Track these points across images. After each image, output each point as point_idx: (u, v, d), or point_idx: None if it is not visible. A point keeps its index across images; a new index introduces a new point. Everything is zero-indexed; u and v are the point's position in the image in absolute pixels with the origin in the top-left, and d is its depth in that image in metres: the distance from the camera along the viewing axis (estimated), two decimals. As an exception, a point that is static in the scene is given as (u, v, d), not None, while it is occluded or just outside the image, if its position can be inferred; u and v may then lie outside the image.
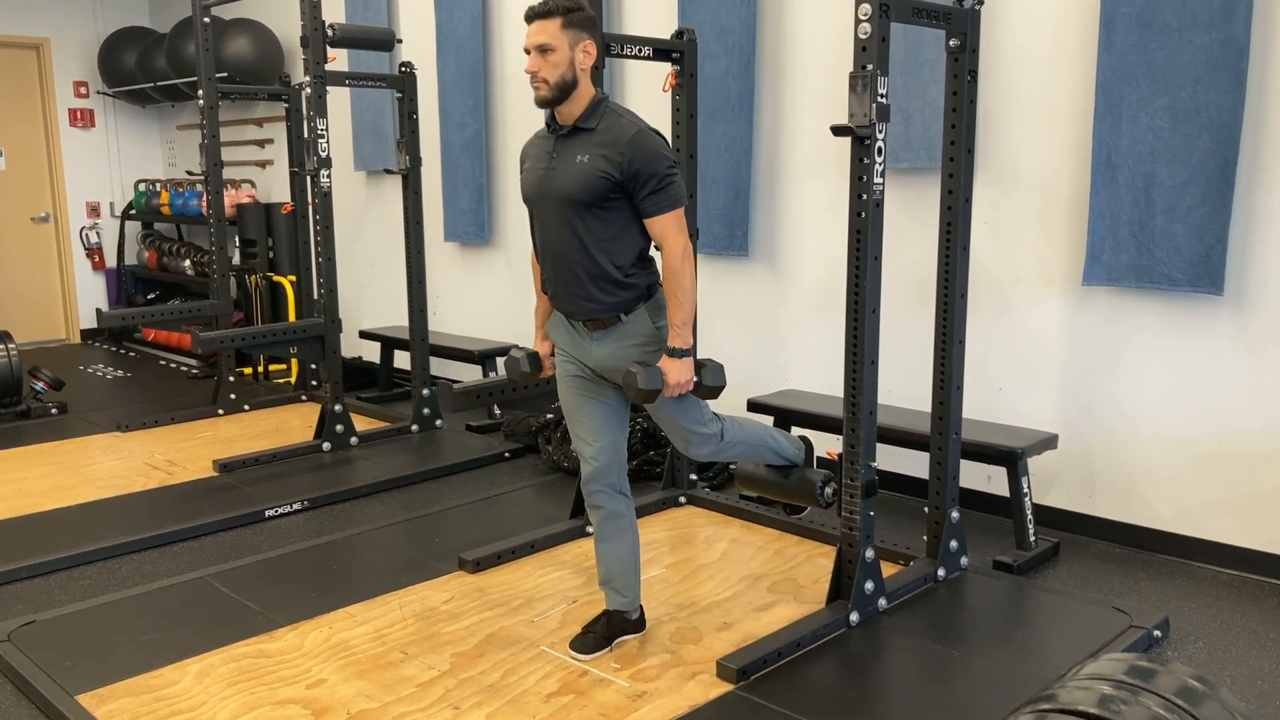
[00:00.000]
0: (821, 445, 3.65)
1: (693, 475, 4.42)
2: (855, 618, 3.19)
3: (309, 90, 4.97)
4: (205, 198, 6.20)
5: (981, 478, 4.21)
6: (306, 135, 5.05)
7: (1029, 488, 3.82)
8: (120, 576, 3.76)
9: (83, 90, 8.52)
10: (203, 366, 7.28)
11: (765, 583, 3.55)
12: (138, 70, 8.03)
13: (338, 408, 5.24)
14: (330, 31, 4.90)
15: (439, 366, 6.14)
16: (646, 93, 5.20)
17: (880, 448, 3.35)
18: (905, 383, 4.33)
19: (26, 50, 8.30)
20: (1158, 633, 3.18)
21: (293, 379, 6.87)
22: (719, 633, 3.19)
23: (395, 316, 6.76)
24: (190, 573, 3.72)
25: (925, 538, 3.64)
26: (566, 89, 2.76)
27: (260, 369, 7.07)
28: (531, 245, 2.99)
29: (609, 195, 2.74)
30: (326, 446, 5.19)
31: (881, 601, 3.29)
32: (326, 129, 5.00)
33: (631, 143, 2.72)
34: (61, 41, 8.37)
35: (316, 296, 5.69)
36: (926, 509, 3.63)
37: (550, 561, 3.75)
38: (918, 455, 4.08)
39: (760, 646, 3.00)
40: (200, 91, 5.90)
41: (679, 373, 2.80)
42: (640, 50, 3.85)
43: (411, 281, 5.55)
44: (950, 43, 3.34)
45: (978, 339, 4.14)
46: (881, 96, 2.97)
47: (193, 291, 8.05)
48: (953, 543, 3.56)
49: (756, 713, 2.74)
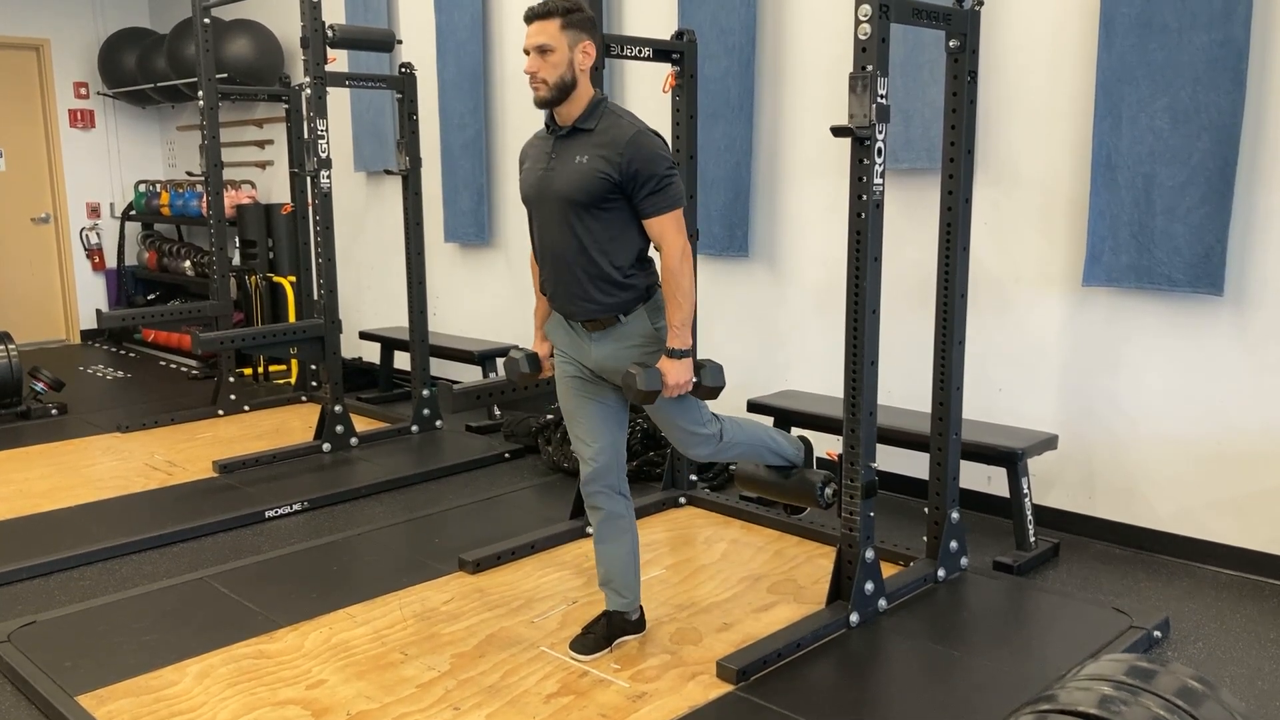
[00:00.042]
0: (821, 446, 3.65)
1: (693, 476, 4.42)
2: (855, 618, 3.19)
3: (309, 91, 4.97)
4: (205, 198, 6.20)
5: (981, 478, 4.21)
6: (306, 136, 5.06)
7: (1029, 488, 3.82)
8: (120, 577, 3.76)
9: (83, 91, 8.53)
10: (203, 367, 7.28)
11: (765, 583, 3.55)
12: (138, 71, 8.03)
13: (338, 408, 5.24)
14: (330, 32, 4.90)
15: (439, 367, 6.14)
16: (646, 93, 5.20)
17: (880, 448, 3.35)
18: (905, 383, 4.33)
19: (27, 51, 8.31)
20: (1158, 633, 3.18)
21: (293, 380, 6.87)
22: (719, 633, 3.19)
23: (395, 317, 6.76)
24: (190, 573, 3.72)
25: (925, 538, 3.64)
26: (566, 90, 2.76)
27: (260, 370, 7.07)
28: (531, 246, 2.99)
29: (608, 196, 2.74)
30: (326, 447, 5.20)
31: (881, 602, 3.29)
32: (326, 130, 5.00)
33: (630, 143, 2.72)
34: (62, 42, 8.37)
35: (316, 297, 5.69)
36: (926, 510, 3.63)
37: (550, 562, 3.75)
38: (918, 456, 4.08)
39: (760, 647, 3.00)
40: (200, 92, 5.90)
41: (678, 373, 2.80)
42: (640, 51, 3.85)
43: (411, 282, 5.55)
44: (950, 43, 3.34)
45: (978, 339, 4.14)
46: (881, 97, 2.97)
47: (193, 292, 8.05)
48: (953, 543, 3.56)
49: (756, 713, 2.74)
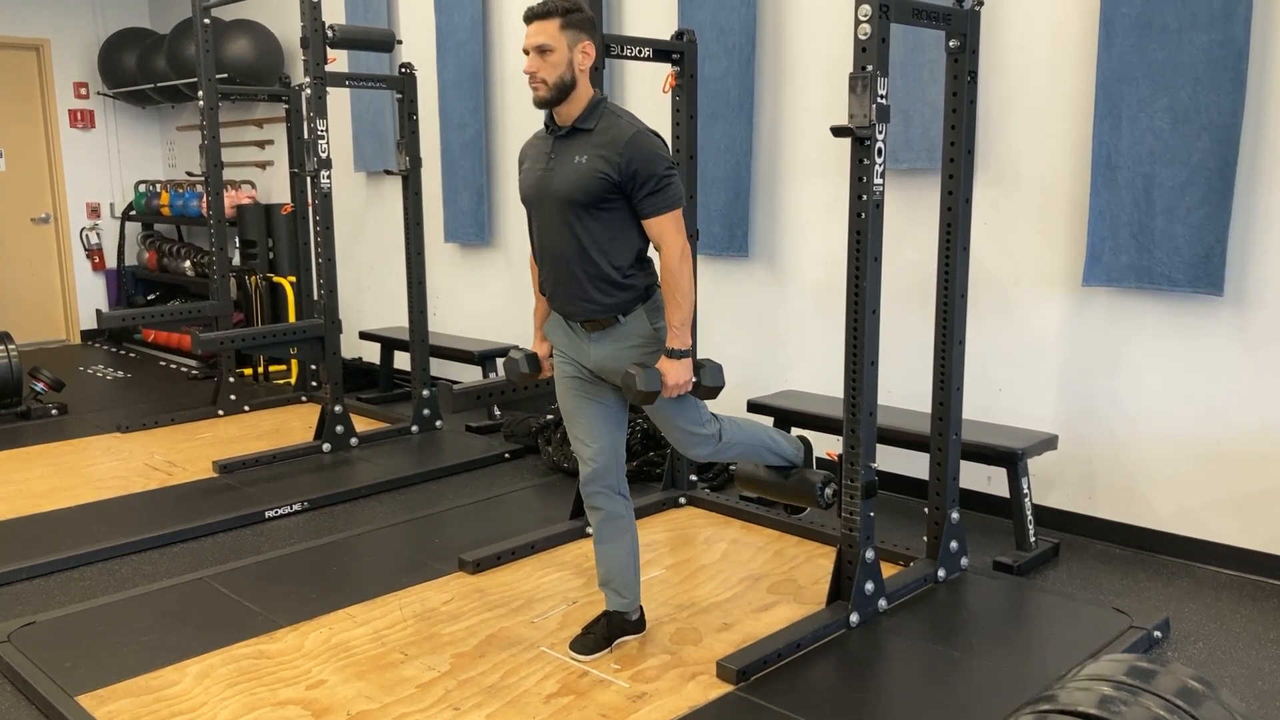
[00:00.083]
0: (821, 446, 3.65)
1: (693, 476, 4.42)
2: (855, 618, 3.19)
3: (309, 91, 4.97)
4: (205, 199, 6.20)
5: (981, 478, 4.21)
6: (306, 136, 5.06)
7: (1029, 488, 3.82)
8: (120, 577, 3.76)
9: (83, 91, 8.53)
10: (203, 367, 7.28)
11: (765, 583, 3.55)
12: (138, 71, 8.03)
13: (338, 408, 5.24)
14: (330, 33, 4.90)
15: (439, 367, 6.14)
16: (646, 94, 5.20)
17: (880, 448, 3.35)
18: (905, 383, 4.33)
19: (27, 51, 8.31)
20: (1158, 633, 3.18)
21: (293, 380, 6.87)
22: (719, 633, 3.19)
23: (395, 317, 6.76)
24: (190, 574, 3.72)
25: (925, 538, 3.64)
26: (565, 90, 2.76)
27: (260, 370, 7.07)
28: (530, 246, 2.99)
29: (607, 196, 2.74)
30: (326, 447, 5.20)
31: (881, 602, 3.29)
32: (326, 130, 5.00)
33: (630, 143, 2.72)
34: (62, 42, 8.38)
35: (316, 297, 5.69)
36: (926, 510, 3.63)
37: (550, 562, 3.75)
38: (918, 456, 4.07)
39: (760, 647, 3.00)
40: (200, 92, 5.90)
41: (678, 374, 2.80)
42: (640, 51, 3.85)
43: (411, 282, 5.55)
44: (950, 43, 3.34)
45: (978, 339, 4.14)
46: (881, 97, 2.97)
47: (193, 292, 8.05)
48: (953, 543, 3.56)
49: (756, 713, 2.74)
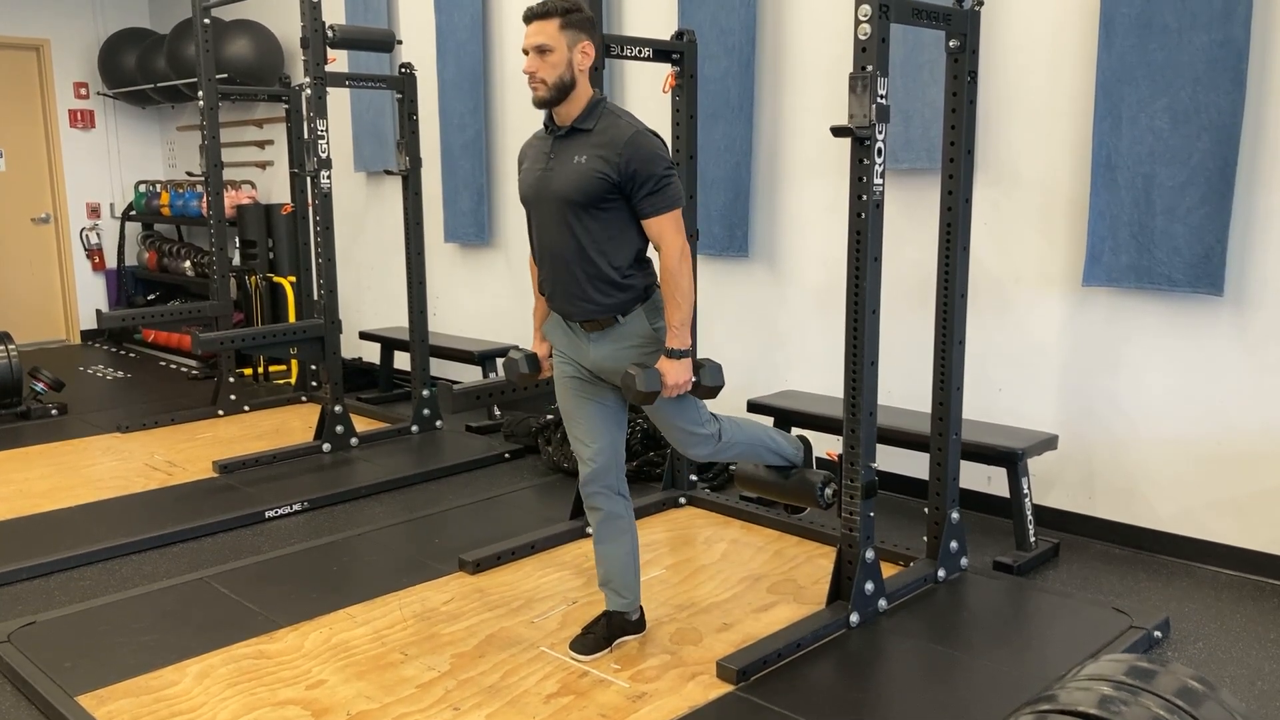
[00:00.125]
0: (821, 446, 3.65)
1: (693, 476, 4.42)
2: (855, 619, 3.19)
3: (309, 91, 4.97)
4: (205, 199, 6.20)
5: (981, 478, 4.21)
6: (306, 136, 5.06)
7: (1029, 488, 3.82)
8: (120, 577, 3.76)
9: (83, 91, 8.53)
10: (203, 367, 7.28)
11: (765, 583, 3.55)
12: (138, 71, 8.03)
13: (338, 409, 5.24)
14: (330, 33, 4.90)
15: (439, 367, 6.14)
16: (646, 94, 5.20)
17: (880, 448, 3.35)
18: (905, 383, 4.33)
19: (27, 51, 8.31)
20: (1158, 633, 3.18)
21: (293, 380, 6.87)
22: (719, 634, 3.19)
23: (395, 317, 6.76)
24: (190, 574, 3.72)
25: (925, 538, 3.64)
26: (564, 90, 2.76)
27: (260, 370, 7.07)
28: (529, 246, 2.99)
29: (606, 196, 2.74)
30: (326, 447, 5.19)
31: (881, 602, 3.29)
32: (326, 130, 5.00)
33: (629, 144, 2.71)
34: (62, 43, 8.38)
35: (316, 297, 5.69)
36: (926, 510, 3.63)
37: (550, 562, 3.75)
38: (918, 456, 4.07)
39: (760, 647, 3.00)
40: (200, 93, 5.90)
41: (677, 374, 2.80)
42: (640, 51, 3.85)
43: (411, 282, 5.55)
44: (950, 44, 3.34)
45: (978, 339, 4.14)
46: (881, 97, 2.97)
47: (193, 292, 8.05)
48: (953, 543, 3.56)
49: (756, 714, 2.74)
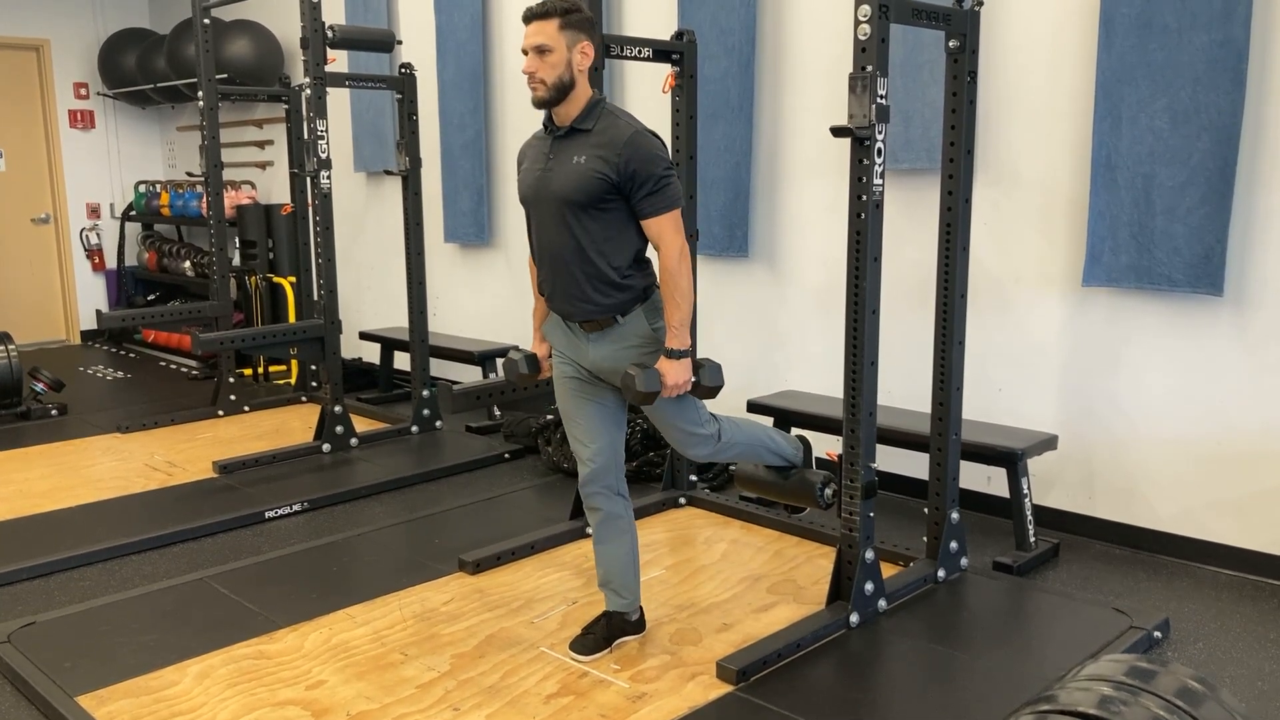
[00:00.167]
0: (821, 446, 3.65)
1: (693, 476, 4.42)
2: (855, 619, 3.19)
3: (309, 91, 4.97)
4: (205, 199, 6.20)
5: (981, 478, 4.21)
6: (306, 136, 5.06)
7: (1029, 488, 3.82)
8: (120, 578, 3.76)
9: (83, 92, 8.53)
10: (202, 368, 7.28)
11: (765, 584, 3.55)
12: (138, 71, 8.03)
13: (337, 409, 5.24)
14: (330, 33, 4.90)
15: (439, 368, 6.14)
16: (646, 94, 5.20)
17: (880, 448, 3.35)
18: (905, 383, 4.33)
19: (27, 51, 8.31)
20: (1158, 634, 3.18)
21: (293, 380, 6.87)
22: (719, 634, 3.18)
23: (395, 318, 6.76)
24: (190, 574, 3.72)
25: (925, 539, 3.64)
26: (564, 90, 2.76)
27: (260, 370, 7.07)
28: (529, 246, 2.99)
29: (605, 196, 2.74)
30: (326, 448, 5.19)
31: (881, 602, 3.29)
32: (326, 130, 5.00)
33: (628, 144, 2.71)
34: (61, 43, 8.38)
35: (316, 298, 5.69)
36: (926, 510, 3.63)
37: (550, 563, 3.75)
38: (918, 456, 4.07)
39: (760, 648, 3.00)
40: (200, 93, 5.90)
41: (677, 374, 2.80)
42: (640, 51, 3.85)
43: (411, 283, 5.55)
44: (950, 44, 3.34)
45: (978, 339, 4.14)
46: (881, 97, 2.97)
47: (193, 293, 8.05)
48: (953, 544, 3.56)
49: (756, 714, 2.74)
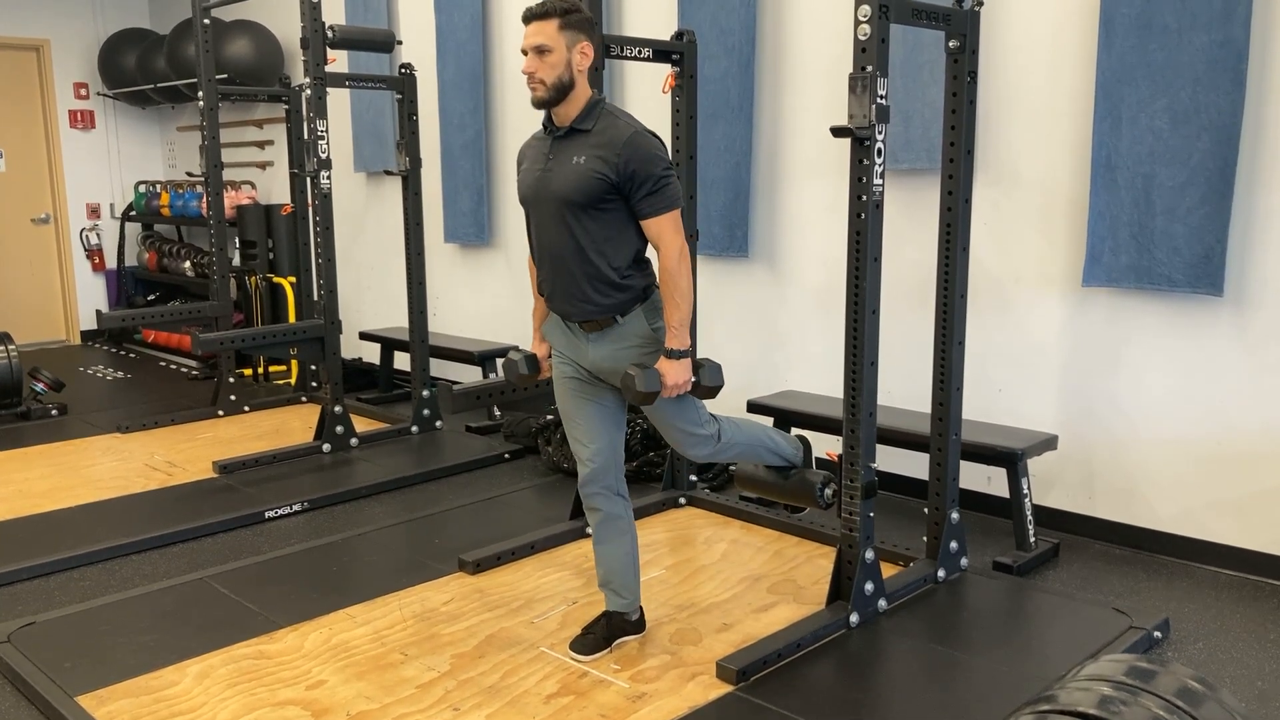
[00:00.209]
0: (821, 446, 3.65)
1: (692, 476, 4.42)
2: (855, 619, 3.19)
3: (309, 92, 4.97)
4: (205, 199, 6.20)
5: (981, 479, 4.21)
6: (306, 136, 5.06)
7: (1029, 489, 3.82)
8: (120, 578, 3.76)
9: (83, 92, 8.53)
10: (202, 368, 7.28)
11: (765, 584, 3.55)
12: (138, 72, 8.03)
13: (337, 409, 5.24)
14: (330, 33, 4.90)
15: (439, 368, 6.14)
16: (646, 94, 5.20)
17: (880, 448, 3.35)
18: (905, 383, 4.33)
19: (27, 52, 8.31)
20: (1158, 634, 3.18)
21: (293, 380, 6.87)
22: (719, 634, 3.19)
23: (395, 318, 6.76)
24: (190, 574, 3.72)
25: (925, 539, 3.64)
26: (563, 90, 2.76)
27: (260, 370, 7.07)
28: (528, 247, 2.99)
29: (605, 197, 2.74)
30: (326, 448, 5.19)
31: (881, 602, 3.29)
32: (326, 130, 5.00)
33: (628, 144, 2.72)
34: (61, 43, 8.38)
35: (316, 298, 5.69)
36: (926, 510, 3.63)
37: (550, 563, 3.75)
38: (918, 456, 4.07)
39: (760, 648, 3.00)
40: (200, 93, 5.90)
41: (677, 374, 2.80)
42: (640, 51, 3.85)
43: (411, 283, 5.55)
44: (950, 44, 3.34)
45: (978, 339, 4.14)
46: (881, 98, 2.97)
47: (193, 293, 8.05)
48: (953, 544, 3.56)
49: (756, 714, 2.74)
